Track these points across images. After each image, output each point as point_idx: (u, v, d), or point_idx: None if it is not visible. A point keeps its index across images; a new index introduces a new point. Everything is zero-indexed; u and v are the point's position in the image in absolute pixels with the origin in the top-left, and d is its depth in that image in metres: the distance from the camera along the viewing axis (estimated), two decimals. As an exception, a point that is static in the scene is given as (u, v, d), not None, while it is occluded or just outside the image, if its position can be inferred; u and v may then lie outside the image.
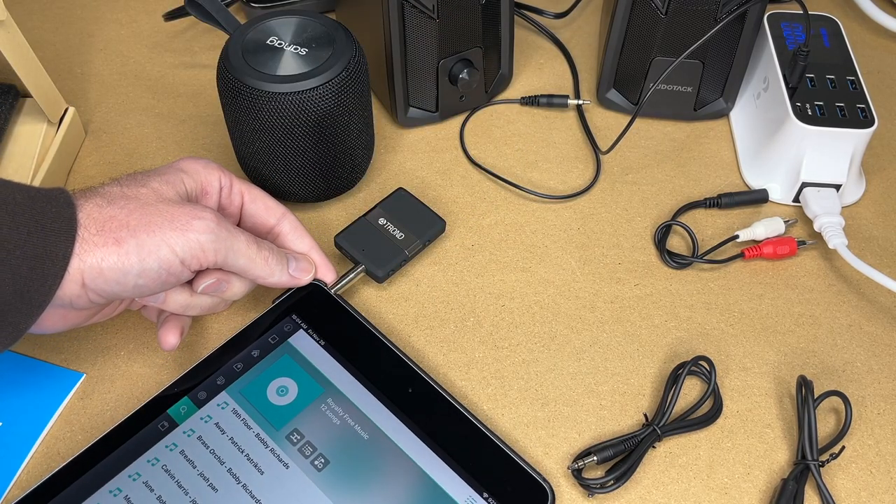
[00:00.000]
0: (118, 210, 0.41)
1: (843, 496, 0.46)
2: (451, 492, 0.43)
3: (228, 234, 0.43)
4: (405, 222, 0.54)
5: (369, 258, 0.52)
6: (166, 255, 0.41)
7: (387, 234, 0.53)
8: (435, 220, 0.55)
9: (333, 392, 0.46)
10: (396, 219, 0.54)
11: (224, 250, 0.43)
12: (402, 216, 0.54)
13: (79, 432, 0.47)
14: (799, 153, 0.57)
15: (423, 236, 0.54)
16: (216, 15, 0.54)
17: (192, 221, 0.42)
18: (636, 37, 0.60)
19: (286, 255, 0.48)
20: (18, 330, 0.39)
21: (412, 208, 0.55)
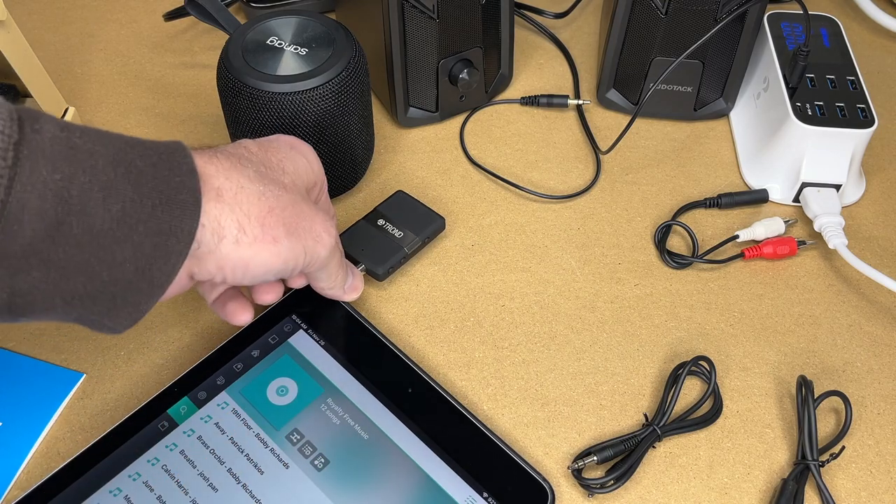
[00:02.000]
0: (274, 201, 0.39)
1: (843, 496, 0.46)
2: (450, 492, 0.43)
3: (336, 251, 0.43)
4: (404, 222, 0.54)
5: (369, 257, 0.52)
6: (301, 260, 0.41)
7: (386, 233, 0.54)
8: (434, 218, 0.55)
9: (333, 392, 0.46)
10: (396, 219, 0.54)
11: (324, 266, 0.43)
12: (401, 216, 0.55)
13: (79, 432, 0.47)
14: (799, 153, 0.57)
15: (423, 233, 0.54)
16: (216, 15, 0.54)
17: (323, 235, 0.41)
18: (636, 37, 0.60)
19: (345, 269, 0.48)
20: (139, 310, 0.36)
21: (411, 208, 0.55)
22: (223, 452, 0.44)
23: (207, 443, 0.44)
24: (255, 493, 0.43)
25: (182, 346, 0.50)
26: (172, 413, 0.45)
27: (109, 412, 0.48)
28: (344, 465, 0.44)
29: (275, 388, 0.46)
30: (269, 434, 0.45)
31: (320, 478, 0.43)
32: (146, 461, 0.43)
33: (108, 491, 0.42)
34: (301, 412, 0.45)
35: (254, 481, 0.43)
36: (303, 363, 0.47)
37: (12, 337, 0.51)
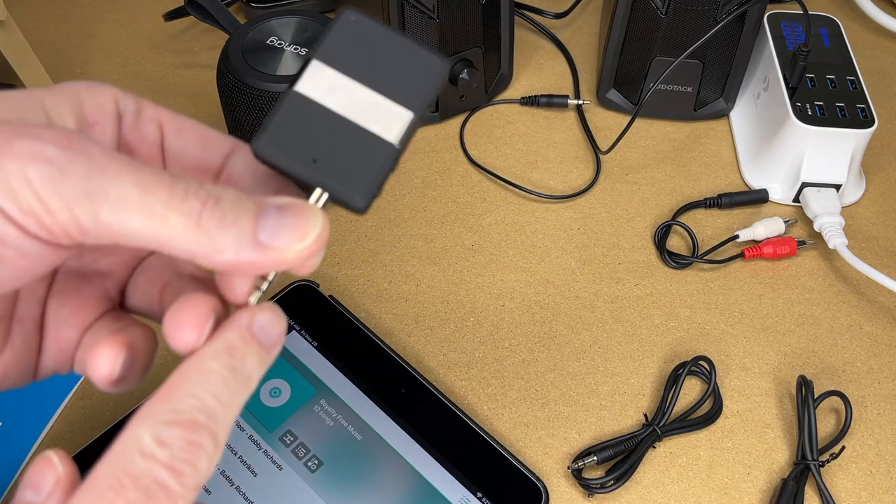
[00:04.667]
0: None
1: (843, 496, 0.46)
2: (444, 492, 0.43)
3: (92, 166, 0.22)
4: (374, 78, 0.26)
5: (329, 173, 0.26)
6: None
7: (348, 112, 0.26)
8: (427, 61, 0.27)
9: (326, 393, 0.46)
10: (357, 75, 0.26)
11: (85, 199, 0.22)
12: (365, 68, 0.26)
13: (79, 432, 0.47)
14: (799, 153, 0.57)
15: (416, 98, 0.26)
16: (216, 15, 0.54)
17: (14, 142, 0.22)
18: (636, 37, 0.60)
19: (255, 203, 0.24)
20: None
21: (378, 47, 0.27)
22: None
23: (204, 443, 0.44)
24: (249, 496, 0.42)
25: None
26: (170, 414, 0.45)
27: (109, 412, 0.48)
28: (337, 467, 0.44)
29: (268, 389, 0.46)
30: (262, 436, 0.45)
31: (314, 479, 0.43)
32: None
33: None
34: (294, 414, 0.45)
35: (247, 483, 0.43)
36: (296, 364, 0.47)
37: (12, 337, 0.51)
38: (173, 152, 0.28)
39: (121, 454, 0.22)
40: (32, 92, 0.25)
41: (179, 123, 0.28)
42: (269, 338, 0.25)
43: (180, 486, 0.22)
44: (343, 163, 0.26)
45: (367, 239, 0.56)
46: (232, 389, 0.23)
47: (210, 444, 0.23)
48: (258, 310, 0.25)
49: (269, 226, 0.24)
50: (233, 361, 0.24)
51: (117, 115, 0.27)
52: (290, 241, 0.24)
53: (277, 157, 0.26)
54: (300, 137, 0.26)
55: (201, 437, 0.23)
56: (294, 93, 0.26)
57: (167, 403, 0.23)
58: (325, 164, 0.26)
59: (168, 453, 0.22)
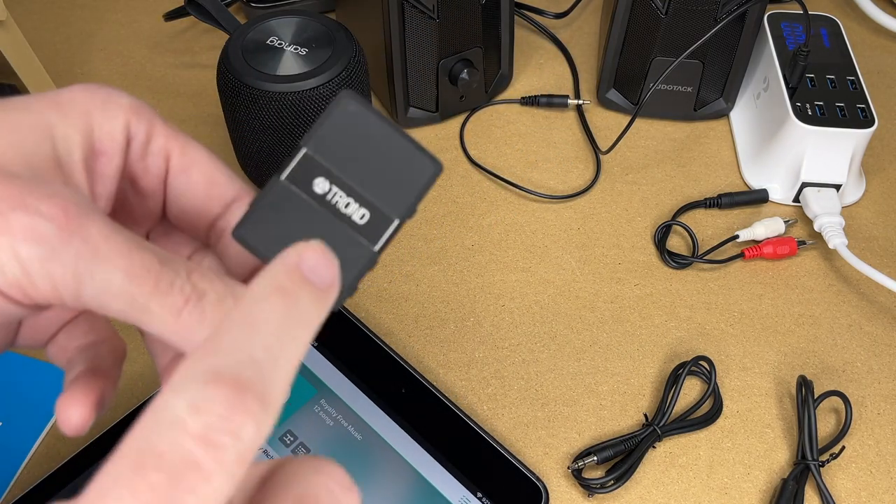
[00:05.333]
0: None
1: (843, 496, 0.46)
2: (444, 492, 0.43)
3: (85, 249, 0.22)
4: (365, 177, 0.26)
5: None
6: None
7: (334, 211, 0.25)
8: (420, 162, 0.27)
9: (327, 393, 0.46)
10: (348, 172, 0.26)
11: (72, 281, 0.22)
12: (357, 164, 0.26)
13: (79, 432, 0.47)
14: (799, 153, 0.57)
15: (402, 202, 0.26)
16: (216, 15, 0.54)
17: (10, 214, 0.21)
18: (636, 37, 0.60)
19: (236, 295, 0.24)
20: None
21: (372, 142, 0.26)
22: None
23: (204, 444, 0.44)
24: (254, 494, 0.42)
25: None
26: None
27: (109, 412, 0.48)
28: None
29: (271, 388, 0.46)
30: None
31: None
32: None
33: None
34: (294, 414, 0.45)
35: (253, 481, 0.43)
36: (298, 364, 0.47)
37: (12, 337, 0.51)
38: (175, 191, 0.27)
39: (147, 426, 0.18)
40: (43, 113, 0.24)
41: (187, 159, 0.27)
42: (322, 278, 0.22)
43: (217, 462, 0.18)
44: None
45: (367, 239, 0.56)
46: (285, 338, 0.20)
47: (257, 407, 0.19)
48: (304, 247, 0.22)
49: None
50: (287, 302, 0.21)
51: (126, 144, 0.26)
52: None
53: (257, 247, 0.25)
54: (280, 229, 0.25)
55: (246, 398, 0.19)
56: (280, 183, 0.25)
57: (207, 359, 0.19)
58: None
59: (202, 422, 0.18)
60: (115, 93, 0.26)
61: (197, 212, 0.27)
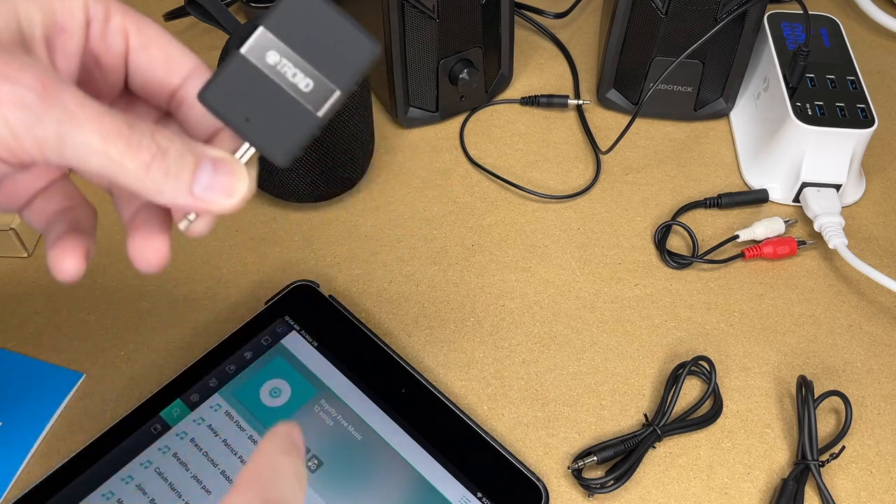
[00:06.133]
0: None
1: (843, 496, 0.46)
2: (444, 492, 0.43)
3: (64, 115, 0.25)
4: (311, 52, 0.30)
5: (258, 129, 0.30)
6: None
7: (283, 79, 0.30)
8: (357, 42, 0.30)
9: (326, 393, 0.46)
10: (297, 47, 0.30)
11: (55, 142, 0.25)
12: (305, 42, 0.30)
13: (79, 432, 0.47)
14: (799, 153, 0.57)
15: (343, 76, 0.30)
16: (216, 15, 0.54)
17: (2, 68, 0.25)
18: (636, 37, 0.60)
19: (195, 156, 0.28)
20: None
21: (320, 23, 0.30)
22: (216, 454, 0.44)
23: (200, 445, 0.44)
24: (253, 494, 0.42)
25: (182, 346, 0.50)
26: (165, 416, 0.45)
27: (109, 412, 0.48)
28: (337, 467, 0.44)
29: (268, 389, 0.46)
30: (262, 435, 0.44)
31: (314, 479, 0.43)
32: (139, 464, 0.43)
33: (101, 494, 0.42)
34: (294, 414, 0.45)
35: (250, 482, 0.43)
36: (296, 364, 0.47)
37: (12, 337, 0.51)
38: (136, 66, 0.31)
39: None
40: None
41: (144, 37, 0.30)
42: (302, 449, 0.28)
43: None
44: (271, 124, 0.30)
45: (367, 239, 0.56)
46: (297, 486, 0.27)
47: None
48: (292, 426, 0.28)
49: (203, 181, 0.28)
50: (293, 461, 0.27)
51: (86, 23, 0.29)
52: (220, 196, 0.28)
53: (218, 109, 0.29)
54: (239, 96, 0.29)
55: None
56: (240, 55, 0.29)
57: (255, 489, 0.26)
58: (257, 123, 0.30)
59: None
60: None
61: (158, 83, 0.31)
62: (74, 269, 0.30)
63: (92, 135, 0.26)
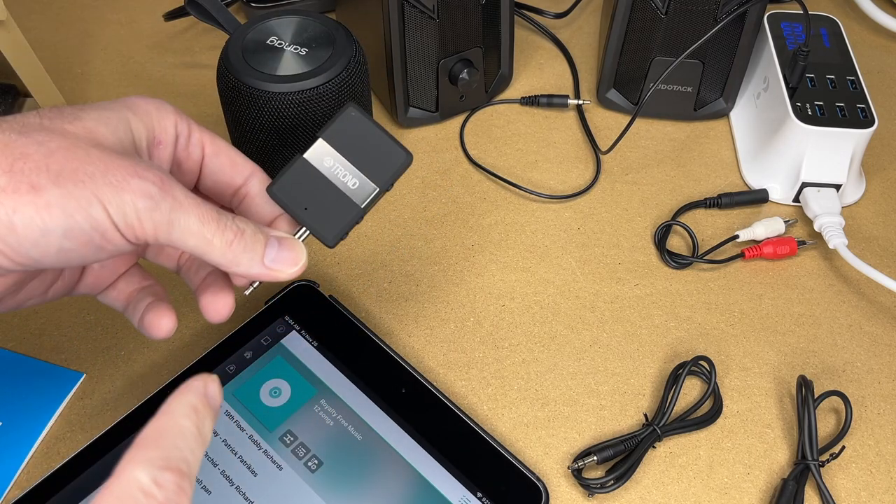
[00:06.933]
0: (35, 147, 0.31)
1: (843, 496, 0.46)
2: (444, 492, 0.43)
3: (175, 204, 0.33)
4: (359, 158, 0.39)
5: (313, 215, 0.39)
6: (98, 214, 0.31)
7: (335, 178, 0.39)
8: (396, 153, 0.40)
9: (326, 393, 0.46)
10: (348, 153, 0.39)
11: (166, 225, 0.33)
12: (354, 149, 0.39)
13: (79, 432, 0.47)
14: (799, 153, 0.57)
15: (382, 178, 0.40)
16: (216, 15, 0.54)
17: (130, 180, 0.32)
18: (636, 37, 0.60)
19: (265, 236, 0.37)
20: None
21: (366, 137, 0.40)
22: (216, 454, 0.44)
23: (202, 444, 0.44)
24: (249, 496, 0.42)
25: (182, 346, 0.50)
26: (167, 415, 0.45)
27: (109, 412, 0.48)
28: (337, 467, 0.44)
29: (268, 389, 0.46)
30: (262, 436, 0.45)
31: (314, 479, 0.43)
32: (142, 463, 0.43)
33: None
34: (294, 414, 0.45)
35: (247, 483, 0.43)
36: (296, 364, 0.47)
37: (12, 337, 0.51)
38: (209, 170, 0.39)
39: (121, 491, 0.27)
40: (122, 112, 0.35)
41: (216, 148, 0.39)
42: (216, 404, 0.32)
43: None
44: (324, 213, 0.39)
45: (367, 239, 0.56)
46: (199, 445, 0.30)
47: (190, 490, 0.29)
48: (209, 380, 0.32)
49: (272, 254, 0.37)
50: (198, 421, 0.30)
51: (175, 137, 0.38)
52: (285, 266, 0.37)
53: (283, 201, 0.39)
54: (299, 190, 0.39)
55: (185, 482, 0.28)
56: (302, 159, 0.39)
57: (157, 451, 0.28)
58: (313, 211, 0.39)
59: (164, 494, 0.27)
60: (163, 101, 0.37)
61: (225, 183, 0.40)
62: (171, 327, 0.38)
63: (193, 218, 0.34)
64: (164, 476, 0.28)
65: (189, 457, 0.29)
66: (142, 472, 0.28)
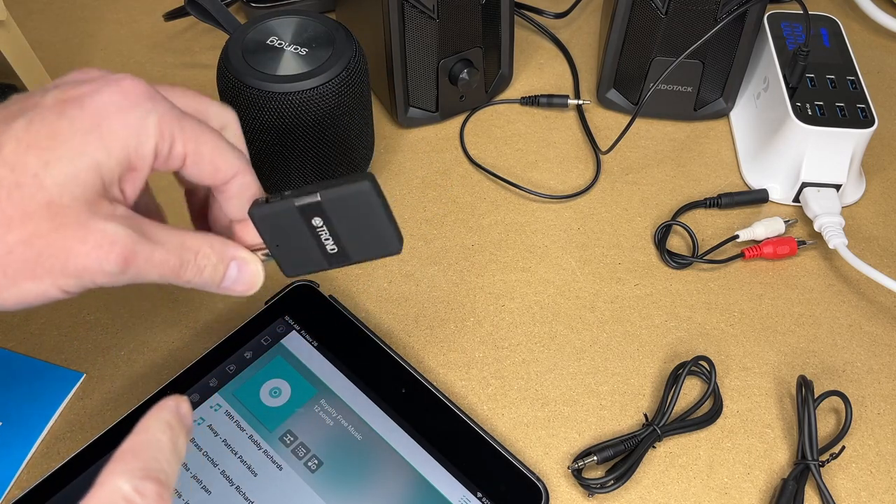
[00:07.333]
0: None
1: (843, 496, 0.46)
2: (444, 492, 0.43)
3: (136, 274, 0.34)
4: (349, 231, 0.37)
5: (282, 253, 0.39)
6: (55, 295, 0.33)
7: (316, 237, 0.38)
8: (388, 241, 0.38)
9: (326, 393, 0.46)
10: (339, 225, 0.37)
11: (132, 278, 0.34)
12: (348, 222, 0.37)
13: (79, 432, 0.47)
14: (799, 153, 0.57)
15: (361, 255, 0.39)
16: (216, 15, 0.54)
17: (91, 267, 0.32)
18: (636, 37, 0.60)
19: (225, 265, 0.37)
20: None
21: (367, 215, 0.37)
22: (216, 454, 0.44)
23: (200, 445, 0.44)
24: (249, 496, 0.42)
25: (182, 346, 0.50)
26: (167, 415, 0.45)
27: (109, 412, 0.48)
28: (337, 467, 0.44)
29: (268, 389, 0.46)
30: (262, 436, 0.45)
31: (314, 479, 0.43)
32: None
33: None
34: (294, 414, 0.45)
35: (247, 483, 0.43)
36: (296, 364, 0.47)
37: (12, 337, 0.51)
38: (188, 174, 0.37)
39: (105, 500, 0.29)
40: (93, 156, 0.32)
41: (198, 155, 0.36)
42: (188, 422, 0.33)
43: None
44: (293, 255, 0.38)
45: (367, 239, 0.56)
46: (175, 459, 0.31)
47: (169, 500, 0.30)
48: (181, 400, 0.33)
49: (231, 278, 0.38)
50: (174, 436, 0.32)
51: (153, 159, 0.35)
52: (240, 288, 0.38)
53: (260, 228, 0.37)
54: (278, 228, 0.37)
55: (165, 492, 0.30)
56: (293, 207, 0.37)
57: (137, 462, 0.30)
58: (283, 250, 0.38)
59: (146, 502, 0.29)
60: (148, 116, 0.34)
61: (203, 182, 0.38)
62: None
63: (154, 276, 0.34)
64: (146, 485, 0.29)
65: (167, 468, 0.31)
66: (124, 482, 0.29)
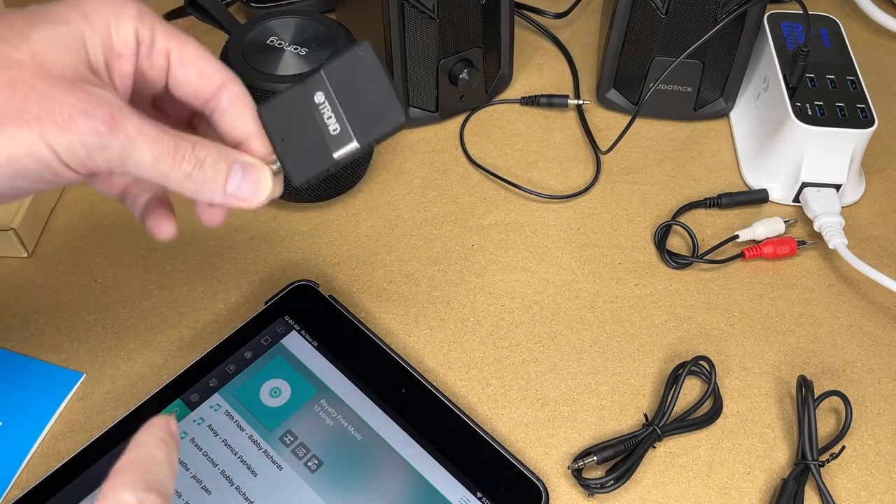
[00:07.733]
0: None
1: (843, 496, 0.46)
2: (444, 492, 0.43)
3: (127, 141, 0.32)
4: (350, 104, 0.36)
5: (288, 151, 0.37)
6: (47, 156, 0.31)
7: (319, 119, 0.36)
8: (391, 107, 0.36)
9: (326, 393, 0.46)
10: (341, 96, 0.36)
11: (119, 161, 0.32)
12: (349, 93, 0.36)
13: (79, 432, 0.47)
14: (799, 153, 0.57)
15: (366, 134, 0.36)
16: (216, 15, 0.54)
17: (77, 118, 0.31)
18: (636, 37, 0.60)
19: (228, 164, 0.35)
20: None
21: (368, 81, 0.36)
22: (216, 454, 0.44)
23: (200, 445, 0.44)
24: (249, 496, 0.42)
25: (182, 346, 0.50)
26: (165, 416, 0.45)
27: (109, 412, 0.48)
28: (337, 467, 0.44)
29: (268, 389, 0.46)
30: (262, 436, 0.45)
31: (314, 479, 0.43)
32: (142, 463, 0.43)
33: None
34: (294, 414, 0.45)
35: (247, 483, 0.43)
36: (296, 364, 0.47)
37: (12, 337, 0.51)
38: (176, 80, 0.36)
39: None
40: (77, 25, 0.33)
41: (183, 56, 0.36)
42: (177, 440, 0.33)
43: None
44: (299, 151, 0.36)
45: (367, 239, 0.56)
46: (171, 473, 0.32)
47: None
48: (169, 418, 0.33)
49: (234, 183, 0.35)
50: (168, 451, 0.32)
51: (137, 47, 0.35)
52: (248, 196, 0.36)
53: (267, 124, 0.36)
54: (284, 119, 0.36)
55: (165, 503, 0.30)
56: (297, 90, 0.36)
57: (138, 475, 0.31)
58: (289, 145, 0.36)
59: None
60: (126, 2, 0.34)
61: (193, 93, 0.37)
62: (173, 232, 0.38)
63: (147, 154, 0.33)
64: (149, 496, 0.30)
65: (165, 481, 0.31)
66: (128, 494, 0.30)
